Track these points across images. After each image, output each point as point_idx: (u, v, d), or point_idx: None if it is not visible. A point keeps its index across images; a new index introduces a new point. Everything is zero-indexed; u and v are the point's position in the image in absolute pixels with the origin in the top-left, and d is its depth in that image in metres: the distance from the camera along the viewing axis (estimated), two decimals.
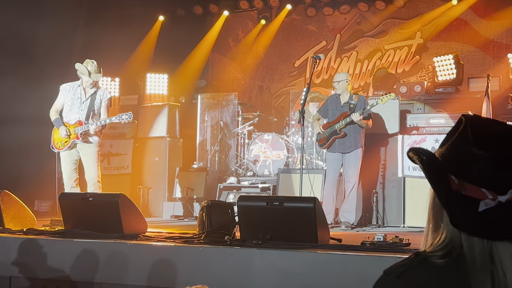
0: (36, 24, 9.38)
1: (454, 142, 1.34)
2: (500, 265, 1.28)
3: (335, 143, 7.17)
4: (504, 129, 1.34)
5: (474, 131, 1.31)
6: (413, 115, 7.95)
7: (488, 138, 1.30)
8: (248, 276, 4.45)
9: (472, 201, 1.28)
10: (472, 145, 1.29)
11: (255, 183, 8.78)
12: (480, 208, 1.28)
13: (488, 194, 1.28)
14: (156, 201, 9.33)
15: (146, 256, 4.81)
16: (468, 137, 1.30)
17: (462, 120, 1.34)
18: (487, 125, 1.34)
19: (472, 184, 1.29)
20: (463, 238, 1.30)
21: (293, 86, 11.49)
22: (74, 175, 6.85)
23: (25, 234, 5.48)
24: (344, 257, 4.28)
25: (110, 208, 5.39)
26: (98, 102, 6.90)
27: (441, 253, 1.32)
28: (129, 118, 6.82)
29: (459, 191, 1.30)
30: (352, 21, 11.25)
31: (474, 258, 1.28)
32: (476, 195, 1.29)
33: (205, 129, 10.10)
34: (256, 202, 4.99)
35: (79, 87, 6.90)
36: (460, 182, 1.30)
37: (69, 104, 6.90)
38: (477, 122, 1.34)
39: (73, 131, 6.77)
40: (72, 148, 6.83)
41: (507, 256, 1.28)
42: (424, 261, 1.33)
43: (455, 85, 8.82)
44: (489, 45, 10.06)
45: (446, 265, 1.31)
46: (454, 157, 1.32)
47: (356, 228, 7.14)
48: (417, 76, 10.51)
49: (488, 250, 1.28)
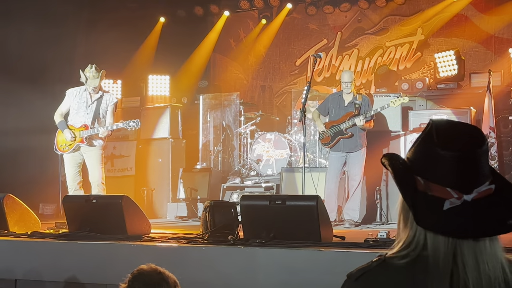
0: (36, 28, 9.41)
1: (420, 145, 1.36)
2: (462, 263, 1.29)
3: (340, 143, 7.16)
4: (468, 128, 1.36)
5: (439, 133, 1.33)
6: (415, 112, 7.95)
7: (452, 139, 1.32)
8: (252, 275, 4.46)
9: (438, 201, 1.30)
10: (436, 146, 1.31)
11: (258, 182, 8.79)
12: (445, 206, 1.29)
13: (453, 193, 1.30)
14: (160, 202, 9.34)
15: (150, 257, 4.81)
16: (433, 139, 1.32)
17: (429, 123, 1.37)
18: (451, 126, 1.36)
19: (438, 184, 1.31)
20: (428, 237, 1.32)
21: (295, 85, 11.49)
22: (77, 177, 6.89)
23: (30, 237, 5.51)
24: (347, 254, 4.29)
25: (113, 209, 5.41)
26: (104, 107, 6.96)
27: (402, 254, 1.34)
28: (137, 126, 6.88)
29: (425, 191, 1.32)
30: (353, 19, 11.24)
31: (438, 257, 1.30)
32: (441, 194, 1.31)
33: (208, 129, 10.11)
34: (258, 201, 5.00)
35: (85, 91, 6.96)
36: (426, 183, 1.32)
37: (75, 108, 6.96)
38: (442, 124, 1.36)
39: (78, 134, 6.83)
40: (76, 151, 6.87)
41: (470, 254, 1.29)
42: (383, 263, 1.35)
43: (456, 81, 8.81)
44: (490, 40, 10.04)
45: (405, 266, 1.32)
46: (420, 158, 1.35)
47: (359, 225, 7.14)
48: (419, 73, 10.50)
49: (452, 249, 1.30)
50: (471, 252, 1.30)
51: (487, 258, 1.30)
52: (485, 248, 1.31)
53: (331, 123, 7.28)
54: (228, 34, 12.06)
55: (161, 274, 2.42)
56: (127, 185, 9.19)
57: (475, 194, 1.31)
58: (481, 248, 1.30)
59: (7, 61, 9.34)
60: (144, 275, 2.44)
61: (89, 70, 6.84)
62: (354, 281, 1.36)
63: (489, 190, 1.32)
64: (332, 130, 7.20)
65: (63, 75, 9.85)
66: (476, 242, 1.30)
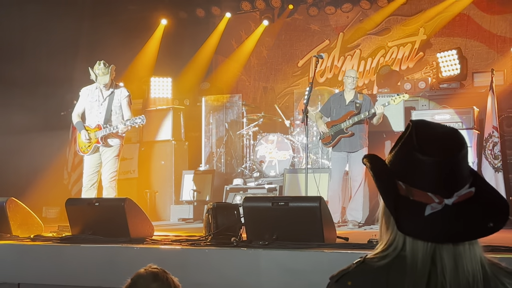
0: (39, 30, 9.43)
1: (401, 149, 1.36)
2: (440, 265, 1.29)
3: (341, 142, 7.15)
4: (447, 131, 1.35)
5: (419, 136, 1.33)
6: (418, 112, 7.93)
7: (432, 143, 1.31)
8: (255, 276, 4.45)
9: (419, 206, 1.30)
10: (416, 151, 1.31)
11: (261, 184, 8.78)
12: (426, 212, 1.29)
13: (434, 198, 1.30)
14: (163, 205, 9.34)
15: (153, 259, 4.77)
16: (413, 143, 1.32)
17: (409, 125, 1.36)
18: (431, 129, 1.35)
19: (419, 189, 1.31)
20: (407, 241, 1.32)
21: (297, 86, 11.49)
22: (94, 178, 6.89)
23: (33, 240, 5.51)
24: (351, 255, 4.26)
25: (116, 212, 5.40)
26: (117, 102, 6.90)
27: (381, 255, 1.35)
28: (142, 122, 6.80)
29: (407, 196, 1.32)
30: (355, 19, 11.23)
31: (416, 260, 1.30)
32: (423, 199, 1.30)
33: (210, 131, 10.10)
34: (261, 203, 4.99)
35: (97, 89, 6.91)
36: (407, 188, 1.33)
37: (89, 107, 6.94)
38: (421, 127, 1.35)
39: (94, 135, 6.82)
40: (95, 152, 6.88)
41: (450, 257, 1.29)
42: (362, 264, 1.37)
43: (459, 81, 8.79)
44: (492, 39, 10.01)
45: (383, 267, 1.33)
46: (401, 163, 1.35)
47: (363, 226, 7.12)
48: (421, 73, 10.48)
49: (431, 252, 1.30)
50: (450, 255, 1.30)
51: (466, 261, 1.30)
52: (464, 251, 1.31)
53: (332, 122, 7.28)
54: (230, 35, 12.05)
55: (157, 278, 2.37)
56: (130, 187, 9.20)
57: (455, 198, 1.30)
58: (460, 251, 1.30)
59: (8, 66, 9.34)
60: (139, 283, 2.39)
61: (98, 67, 6.76)
62: (334, 282, 1.38)
63: (469, 193, 1.32)
64: (333, 129, 7.20)
65: (65, 78, 9.87)
66: (456, 246, 1.30)
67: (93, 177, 6.88)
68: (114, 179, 6.82)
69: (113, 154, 6.86)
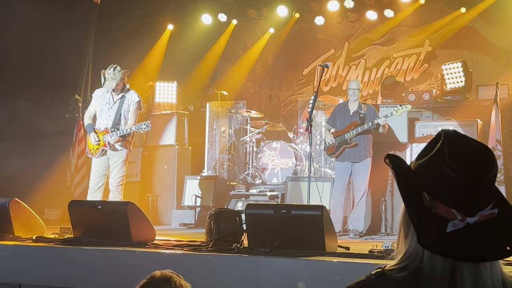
0: (46, 35, 9.47)
1: (431, 160, 1.34)
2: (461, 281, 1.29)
3: (345, 152, 7.18)
4: (479, 150, 1.33)
5: (451, 151, 1.31)
6: (422, 123, 7.94)
7: (463, 160, 1.30)
8: (255, 284, 4.45)
9: (441, 220, 1.30)
10: (447, 165, 1.29)
11: (263, 191, 8.79)
12: (448, 229, 1.29)
13: (457, 215, 1.29)
14: (165, 209, 9.35)
15: (154, 263, 4.81)
16: (444, 157, 1.31)
17: (441, 136, 1.35)
18: (464, 145, 1.34)
19: (443, 203, 1.30)
20: (426, 254, 1.31)
21: (301, 94, 11.51)
22: (101, 181, 6.91)
23: (35, 242, 5.52)
24: (352, 265, 4.27)
25: (118, 216, 5.41)
26: (126, 107, 6.91)
27: (400, 267, 1.34)
28: (147, 128, 6.82)
29: (430, 208, 1.31)
30: (361, 29, 11.25)
31: (434, 275, 1.29)
32: (446, 214, 1.30)
33: (214, 137, 10.12)
34: (263, 210, 5.00)
35: (108, 92, 6.93)
36: (431, 200, 1.31)
37: (99, 110, 6.98)
38: (454, 140, 1.34)
39: (102, 138, 6.84)
40: (103, 155, 6.90)
41: (470, 274, 1.29)
42: (381, 276, 1.36)
43: (463, 93, 8.80)
44: (498, 52, 10.03)
45: (402, 279, 1.32)
46: (429, 174, 1.33)
47: (364, 236, 7.12)
48: (426, 84, 10.49)
49: (450, 268, 1.29)
50: (470, 271, 1.30)
51: (487, 278, 1.30)
52: (485, 269, 1.30)
53: (336, 133, 7.30)
54: (236, 42, 12.09)
55: (170, 281, 2.42)
56: (133, 191, 9.19)
57: (478, 217, 1.30)
58: (481, 269, 1.30)
59: (14, 69, 9.38)
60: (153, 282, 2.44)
61: (107, 72, 6.78)
62: None
63: (492, 214, 1.32)
64: (337, 140, 7.22)
65: (71, 83, 9.90)
66: (476, 264, 1.30)
67: (100, 180, 6.90)
68: (121, 184, 6.84)
69: (120, 159, 6.88)
